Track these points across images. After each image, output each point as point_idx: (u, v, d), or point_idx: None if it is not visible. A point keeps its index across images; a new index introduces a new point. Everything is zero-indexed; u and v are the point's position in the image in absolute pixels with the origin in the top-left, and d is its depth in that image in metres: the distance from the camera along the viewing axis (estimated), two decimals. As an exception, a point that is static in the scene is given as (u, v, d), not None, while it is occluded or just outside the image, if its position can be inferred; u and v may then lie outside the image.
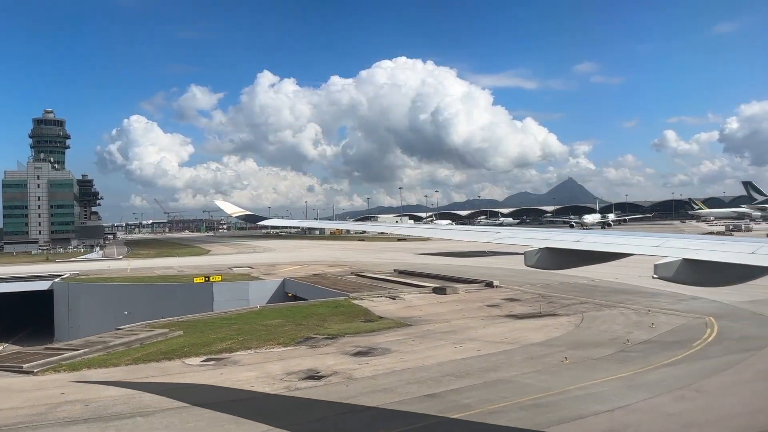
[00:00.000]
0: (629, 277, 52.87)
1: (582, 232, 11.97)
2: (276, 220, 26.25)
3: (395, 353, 26.88)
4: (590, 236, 11.16)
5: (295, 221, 27.53)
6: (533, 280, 53.87)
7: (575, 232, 12.16)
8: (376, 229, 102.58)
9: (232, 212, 21.48)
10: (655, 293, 43.20)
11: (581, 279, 53.52)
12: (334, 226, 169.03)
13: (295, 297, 55.58)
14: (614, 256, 10.37)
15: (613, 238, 10.94)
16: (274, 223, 24.39)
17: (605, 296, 42.60)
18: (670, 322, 32.05)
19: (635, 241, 10.67)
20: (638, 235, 11.09)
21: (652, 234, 11.31)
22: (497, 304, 40.83)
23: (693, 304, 37.99)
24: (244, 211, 21.94)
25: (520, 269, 65.63)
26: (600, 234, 11.38)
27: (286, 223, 26.69)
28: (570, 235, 11.93)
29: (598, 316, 34.90)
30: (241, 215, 21.83)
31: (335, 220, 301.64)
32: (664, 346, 26.37)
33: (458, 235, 17.03)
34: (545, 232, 12.89)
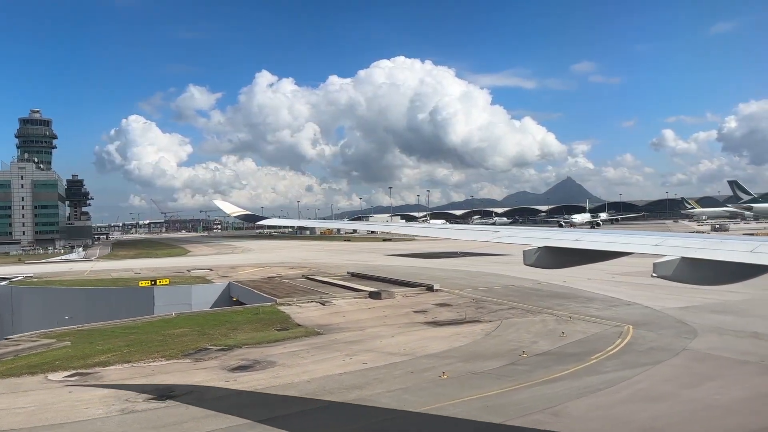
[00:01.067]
0: (579, 279, 51.30)
1: (581, 231, 11.75)
2: (275, 219, 26.03)
3: (277, 367, 25.17)
4: (589, 235, 11.02)
5: (293, 221, 28.87)
6: (478, 284, 52.27)
7: (574, 231, 12.16)
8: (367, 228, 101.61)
9: (231, 212, 21.52)
10: (592, 298, 41.53)
11: (527, 282, 51.99)
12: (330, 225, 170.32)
13: (238, 302, 53.95)
14: (612, 255, 10.33)
15: (611, 237, 10.81)
16: (273, 222, 24.18)
17: (540, 301, 40.86)
18: (584, 331, 30.31)
19: (633, 240, 10.60)
20: (637, 234, 10.97)
21: (651, 233, 11.15)
22: (425, 310, 39.10)
23: (622, 310, 36.27)
24: (243, 210, 21.99)
25: (478, 271, 64.22)
26: (599, 233, 11.21)
27: (284, 223, 26.57)
28: (569, 234, 11.81)
29: (516, 324, 33.16)
30: (240, 215, 21.79)
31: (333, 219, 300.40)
32: (558, 359, 24.62)
33: (457, 234, 16.58)
34: (544, 231, 12.73)
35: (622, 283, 48.61)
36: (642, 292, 43.05)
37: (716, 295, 40.16)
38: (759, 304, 36.23)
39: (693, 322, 31.34)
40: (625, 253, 10.15)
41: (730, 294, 40.29)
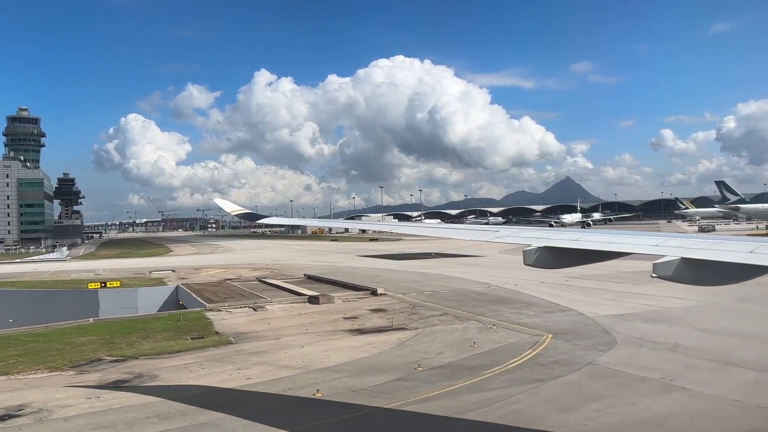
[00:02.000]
0: (531, 283, 49.88)
1: (580, 231, 11.51)
2: (274, 218, 25.72)
3: (156, 382, 23.58)
4: (588, 235, 10.89)
5: (291, 220, 28.14)
6: (428, 287, 50.68)
7: (574, 231, 11.71)
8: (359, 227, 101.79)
9: (231, 210, 21.41)
10: (531, 303, 39.96)
11: (478, 286, 50.47)
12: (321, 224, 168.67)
13: (183, 305, 52.38)
14: (612, 255, 10.29)
15: (611, 237, 10.76)
16: (272, 221, 23.75)
17: (477, 306, 39.25)
18: (499, 341, 28.66)
19: (633, 240, 10.52)
20: (636, 235, 10.90)
21: (648, 233, 11.19)
22: (356, 317, 37.49)
23: (554, 317, 34.65)
24: (243, 209, 21.86)
25: (437, 273, 62.63)
26: (598, 233, 11.12)
27: (283, 222, 25.09)
28: (568, 234, 11.62)
29: (437, 332, 31.55)
30: (240, 213, 21.70)
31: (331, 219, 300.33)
32: (451, 373, 22.96)
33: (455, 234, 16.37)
34: (543, 231, 12.62)
35: (571, 288, 47.00)
36: (585, 297, 41.48)
37: (659, 302, 38.69)
38: (698, 312, 34.64)
39: (618, 332, 29.71)
40: (624, 253, 10.07)
41: (675, 300, 38.85)
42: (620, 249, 10.13)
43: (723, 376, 21.47)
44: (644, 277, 53.05)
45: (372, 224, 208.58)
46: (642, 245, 10.08)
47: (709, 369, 22.55)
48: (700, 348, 25.82)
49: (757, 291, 40.50)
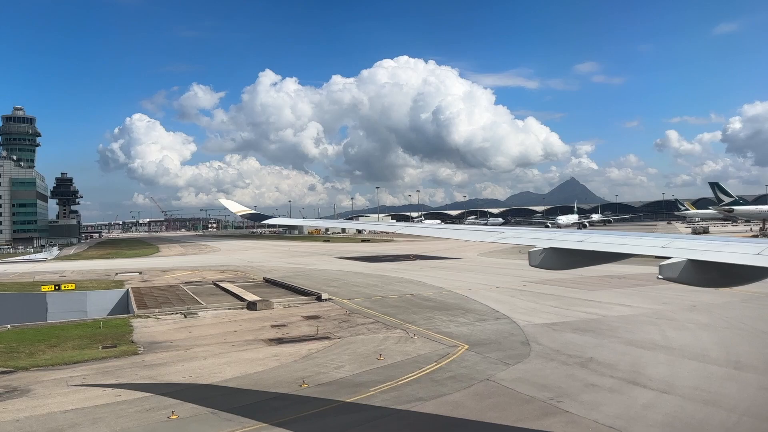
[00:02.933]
0: (484, 289, 48.24)
1: (586, 233, 11.43)
2: (279, 219, 25.45)
3: (23, 399, 21.94)
4: (594, 236, 10.86)
5: (297, 220, 28.47)
6: (380, 292, 49.06)
7: (580, 233, 11.61)
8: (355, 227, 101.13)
9: (236, 211, 21.28)
10: (472, 310, 38.33)
11: (430, 290, 48.86)
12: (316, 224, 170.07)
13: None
14: (618, 257, 10.23)
15: (617, 238, 10.69)
16: (277, 221, 23.61)
17: (415, 314, 37.58)
18: (411, 352, 26.97)
19: (639, 241, 10.41)
20: (643, 236, 10.78)
21: (658, 234, 11.12)
22: (285, 324, 35.88)
23: (484, 326, 32.97)
24: (248, 209, 21.69)
25: (399, 277, 60.96)
26: (605, 234, 11.05)
27: (287, 222, 26.10)
28: (574, 235, 11.42)
29: (355, 342, 29.89)
30: (245, 214, 21.52)
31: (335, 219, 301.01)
32: (334, 391, 21.24)
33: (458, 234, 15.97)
34: (549, 232, 12.36)
35: (524, 293, 45.39)
36: (531, 304, 39.76)
37: (603, 309, 37.00)
38: (634, 322, 32.81)
39: (538, 343, 27.95)
40: (630, 254, 9.98)
41: (620, 308, 37.25)
42: (626, 251, 10.01)
43: (617, 398, 19.68)
44: (605, 281, 51.39)
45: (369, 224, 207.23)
46: (648, 247, 9.95)
47: (609, 388, 20.77)
48: (613, 363, 24.03)
49: (716, 299, 38.72)
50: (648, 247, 10.03)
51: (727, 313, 34.16)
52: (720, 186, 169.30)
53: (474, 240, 14.69)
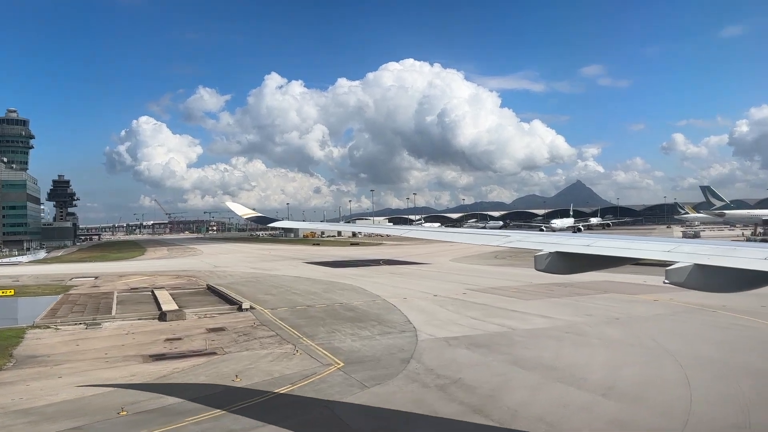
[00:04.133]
0: (425, 297, 46.22)
1: (592, 237, 11.30)
2: (286, 222, 24.74)
3: None
4: (600, 241, 10.82)
5: (304, 223, 28.21)
6: (309, 302, 47.09)
7: (586, 236, 11.56)
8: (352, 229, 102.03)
9: (242, 214, 21.24)
10: (384, 321, 36.37)
11: (362, 299, 46.92)
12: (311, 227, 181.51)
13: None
14: (623, 261, 10.18)
15: (623, 242, 10.64)
16: (283, 225, 23.36)
17: (323, 326, 35.57)
18: (276, 372, 24.92)
19: (645, 246, 10.35)
20: (649, 240, 10.81)
21: (663, 239, 11.14)
22: (182, 338, 33.90)
23: (387, 339, 31.03)
24: (254, 212, 21.59)
25: (347, 284, 58.87)
26: (611, 238, 11.00)
27: (293, 225, 25.96)
28: (580, 239, 11.33)
29: (233, 359, 27.91)
30: (251, 217, 21.38)
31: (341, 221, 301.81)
32: (146, 420, 19.21)
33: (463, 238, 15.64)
34: (555, 236, 12.43)
35: (456, 302, 43.41)
36: (451, 315, 37.70)
37: (519, 322, 34.88)
38: (537, 337, 30.58)
39: (419, 361, 25.86)
40: (635, 259, 9.98)
41: (539, 320, 35.05)
42: (631, 255, 9.96)
43: (444, 431, 17.54)
44: (552, 288, 49.13)
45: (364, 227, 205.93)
46: (654, 251, 9.88)
47: (446, 418, 18.60)
48: (476, 386, 21.86)
49: (649, 311, 36.47)
50: (654, 251, 9.90)
51: (647, 328, 31.86)
52: (712, 190, 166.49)
53: (479, 243, 14.43)
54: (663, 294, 43.97)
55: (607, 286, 50.64)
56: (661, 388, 21.16)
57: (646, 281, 51.61)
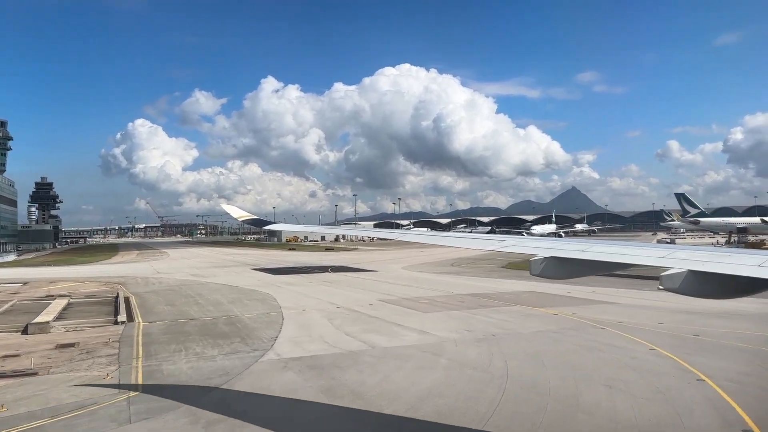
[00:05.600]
0: (325, 307, 43.41)
1: (588, 242, 11.12)
2: (281, 224, 24.94)
3: None
4: (595, 246, 10.81)
5: (299, 226, 26.20)
6: (200, 315, 44.24)
7: (581, 242, 11.26)
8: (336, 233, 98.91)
9: (238, 216, 21.23)
10: (249, 338, 33.56)
11: (260, 310, 44.38)
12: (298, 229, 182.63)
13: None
14: (618, 267, 10.30)
15: (618, 248, 10.58)
16: (279, 227, 22.80)
17: (184, 342, 32.78)
18: (55, 400, 21.93)
19: (640, 251, 10.28)
20: (644, 246, 10.74)
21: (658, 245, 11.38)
22: (19, 354, 30.91)
23: (217, 362, 27.88)
24: (250, 215, 21.48)
25: (266, 292, 56.10)
26: (606, 244, 10.95)
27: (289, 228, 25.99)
28: (575, 244, 11.26)
29: (38, 382, 24.93)
30: (247, 219, 21.31)
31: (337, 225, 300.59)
32: None
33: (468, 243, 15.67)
34: (550, 241, 12.60)
35: (353, 313, 40.59)
36: (329, 329, 34.92)
37: (389, 338, 32.14)
38: (392, 356, 27.67)
39: (231, 387, 22.97)
40: (630, 264, 9.93)
41: (408, 337, 32.39)
42: (626, 260, 9.85)
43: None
44: (465, 299, 46.51)
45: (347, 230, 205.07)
46: (649, 257, 9.84)
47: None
48: (252, 421, 19.00)
49: (533, 326, 33.69)
50: (648, 257, 9.87)
51: (513, 347, 29.02)
52: (686, 197, 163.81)
53: (474, 247, 14.58)
54: (571, 308, 41.38)
55: (527, 297, 48.05)
56: (459, 420, 18.38)
57: (570, 293, 49.06)
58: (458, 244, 14.70)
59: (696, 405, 19.48)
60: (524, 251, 11.59)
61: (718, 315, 36.97)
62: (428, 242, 15.29)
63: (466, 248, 14.51)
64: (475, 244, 14.87)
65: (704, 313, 37.97)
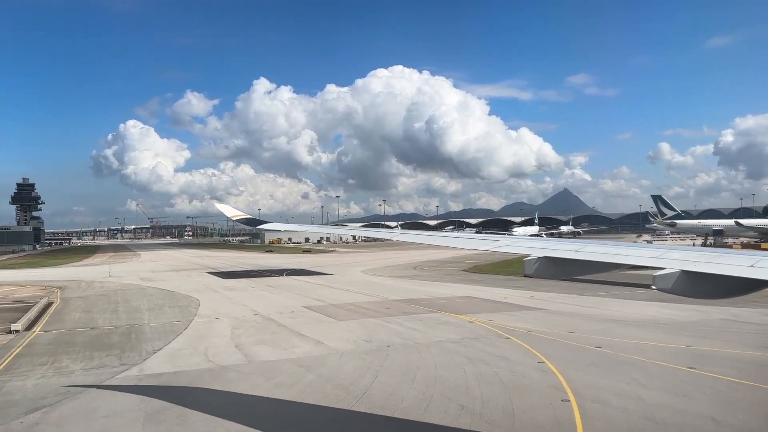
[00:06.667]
0: (246, 314, 41.22)
1: (582, 242, 11.17)
2: (275, 224, 24.41)
3: None
4: (589, 246, 10.85)
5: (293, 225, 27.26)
6: (99, 324, 41.87)
7: (575, 242, 11.34)
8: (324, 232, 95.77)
9: (232, 215, 21.45)
10: (134, 350, 30.97)
11: (174, 318, 41.75)
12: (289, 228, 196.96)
13: None
14: (611, 267, 10.24)
15: (611, 248, 10.64)
16: (272, 227, 22.81)
17: (49, 356, 30.29)
18: None
19: (633, 252, 10.39)
20: (637, 247, 10.84)
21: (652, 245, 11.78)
22: None
23: (75, 377, 25.54)
24: (244, 214, 21.59)
25: (193, 298, 53.81)
26: (599, 244, 10.99)
27: (282, 227, 25.25)
28: (569, 244, 11.27)
29: None
30: (241, 219, 21.44)
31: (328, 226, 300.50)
32: None
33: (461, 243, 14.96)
34: (544, 241, 12.45)
35: (266, 321, 38.26)
36: (222, 341, 32.52)
37: (275, 351, 29.79)
38: (264, 370, 25.39)
39: (38, 411, 20.63)
40: (624, 264, 10.01)
41: (306, 348, 30.01)
42: (620, 261, 9.91)
43: None
44: (391, 305, 44.25)
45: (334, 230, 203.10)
46: (642, 257, 9.91)
47: None
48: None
49: (432, 335, 31.48)
50: (641, 257, 9.92)
51: (393, 360, 26.64)
52: (663, 199, 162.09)
53: (469, 247, 14.72)
54: (494, 315, 39.31)
55: (459, 303, 46.04)
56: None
57: (506, 298, 47.01)
58: (454, 244, 14.74)
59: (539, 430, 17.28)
60: (518, 251, 11.65)
61: (640, 324, 34.87)
62: (422, 242, 15.02)
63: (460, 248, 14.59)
64: (470, 244, 14.80)
65: (628, 321, 35.90)
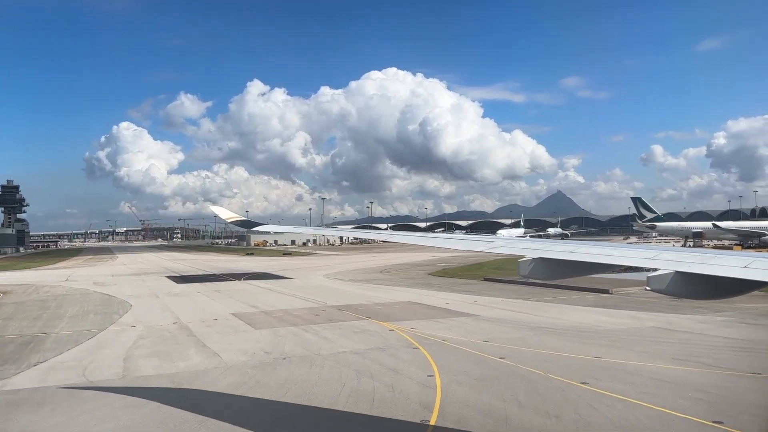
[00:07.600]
0: (166, 321, 39.25)
1: (576, 243, 11.20)
2: (270, 226, 24.76)
3: None
4: (583, 247, 10.82)
5: (289, 227, 26.15)
6: (17, 331, 39.70)
7: (569, 243, 11.30)
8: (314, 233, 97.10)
9: (226, 217, 21.60)
10: (21, 361, 28.77)
11: (73, 329, 39.57)
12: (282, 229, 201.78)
13: None
14: (606, 268, 10.35)
15: (606, 249, 10.64)
16: (267, 228, 22.48)
17: None
18: None
19: (627, 252, 10.47)
20: (632, 247, 11.00)
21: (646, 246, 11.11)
22: None
23: None
24: (238, 216, 21.83)
25: (122, 301, 51.86)
26: (594, 245, 11.04)
27: (277, 229, 25.08)
28: (564, 245, 11.25)
29: None
30: (235, 221, 21.48)
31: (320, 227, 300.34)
32: None
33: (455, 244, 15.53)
34: (539, 242, 12.33)
35: (177, 332, 36.15)
36: (117, 352, 30.41)
37: (163, 364, 27.70)
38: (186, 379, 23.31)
39: None
40: (618, 265, 10.06)
41: (198, 360, 27.97)
42: (614, 261, 9.94)
43: None
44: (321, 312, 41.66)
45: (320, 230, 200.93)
46: (636, 258, 9.97)
47: None
48: None
49: (343, 345, 29.53)
50: (636, 258, 9.97)
51: (278, 376, 24.57)
52: (642, 201, 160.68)
53: (464, 248, 14.65)
54: (421, 321, 37.47)
55: (395, 309, 44.18)
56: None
57: (448, 303, 45.16)
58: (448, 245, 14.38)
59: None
60: (512, 252, 11.71)
61: (561, 332, 32.93)
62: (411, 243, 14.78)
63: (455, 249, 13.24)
64: (465, 245, 14.68)
65: (551, 329, 34.02)
